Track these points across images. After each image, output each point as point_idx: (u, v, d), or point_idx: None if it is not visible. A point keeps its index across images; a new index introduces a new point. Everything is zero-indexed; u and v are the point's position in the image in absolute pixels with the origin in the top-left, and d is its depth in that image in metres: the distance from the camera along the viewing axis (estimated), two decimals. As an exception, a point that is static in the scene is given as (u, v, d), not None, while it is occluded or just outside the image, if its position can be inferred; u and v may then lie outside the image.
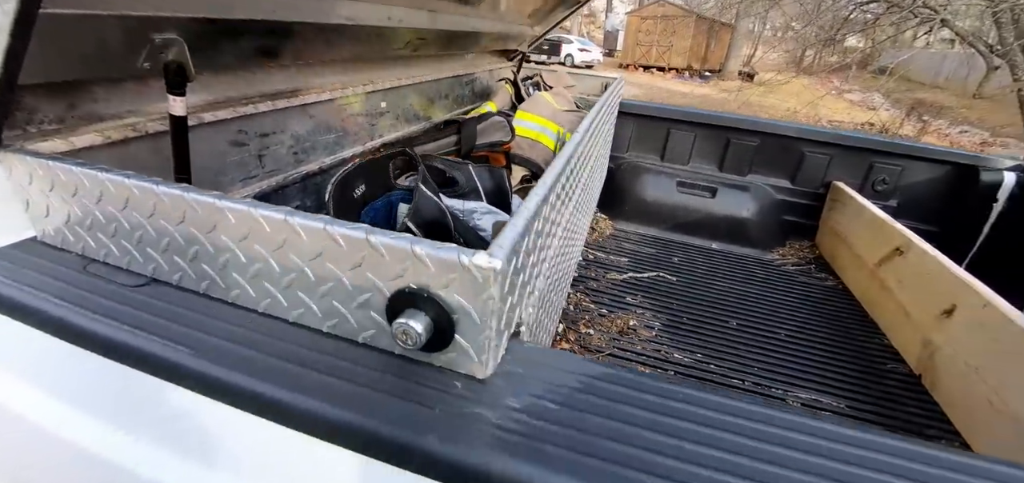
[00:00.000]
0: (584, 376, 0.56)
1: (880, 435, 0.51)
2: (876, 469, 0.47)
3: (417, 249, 0.48)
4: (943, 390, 1.68)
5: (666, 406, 0.53)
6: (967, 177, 2.49)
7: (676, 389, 0.55)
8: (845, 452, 0.49)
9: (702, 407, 0.53)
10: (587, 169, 1.49)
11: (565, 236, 1.29)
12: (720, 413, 0.52)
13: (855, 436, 0.50)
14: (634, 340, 1.82)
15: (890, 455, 0.48)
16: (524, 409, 0.50)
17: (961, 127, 12.77)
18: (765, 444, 0.49)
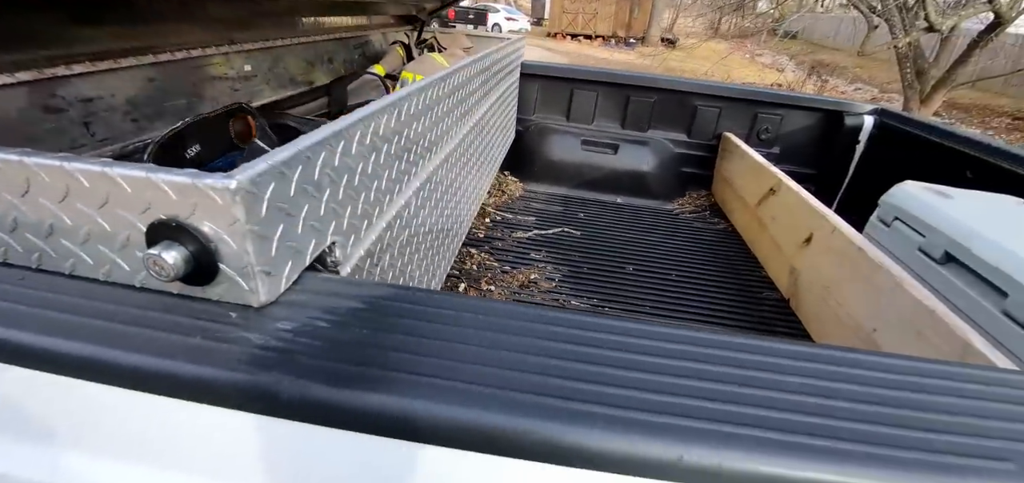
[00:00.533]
0: (381, 299, 0.58)
1: (691, 329, 0.56)
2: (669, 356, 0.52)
3: (154, 176, 0.46)
4: (805, 310, 1.88)
5: (457, 317, 0.55)
6: (835, 122, 2.75)
7: (481, 304, 0.58)
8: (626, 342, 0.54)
9: (490, 315, 0.56)
10: (465, 127, 1.49)
11: (441, 192, 1.30)
12: (511, 319, 0.56)
13: (638, 328, 0.55)
14: (533, 292, 1.88)
15: (688, 344, 0.54)
16: (294, 330, 0.51)
17: (855, 84, 14.08)
18: (547, 341, 0.52)
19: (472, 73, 1.40)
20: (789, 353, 0.56)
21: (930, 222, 1.45)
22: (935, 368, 0.57)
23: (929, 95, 7.90)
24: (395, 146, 0.88)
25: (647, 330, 0.57)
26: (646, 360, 0.52)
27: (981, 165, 2.07)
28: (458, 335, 0.52)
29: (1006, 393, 0.55)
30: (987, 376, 0.57)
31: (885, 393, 0.52)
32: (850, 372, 0.54)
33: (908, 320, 1.35)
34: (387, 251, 0.93)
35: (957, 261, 1.35)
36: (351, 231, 0.74)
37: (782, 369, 0.53)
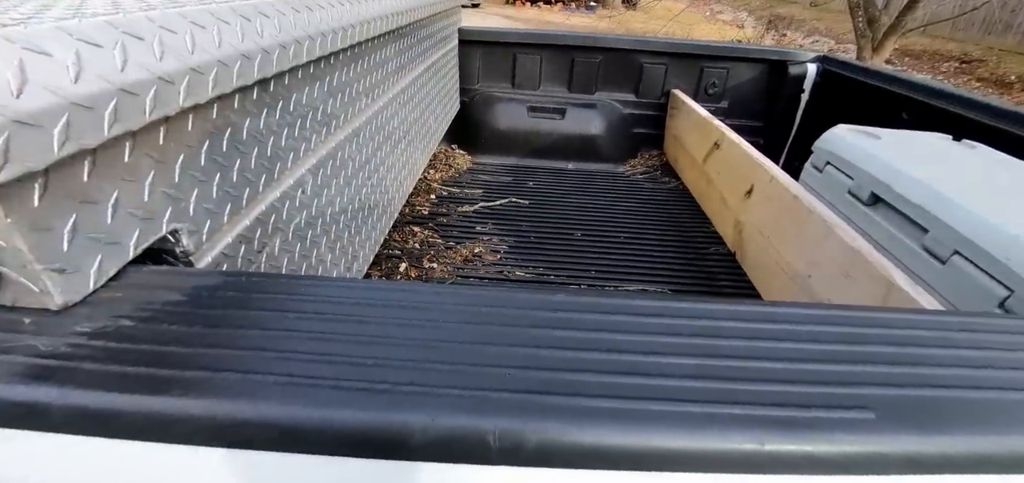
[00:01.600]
0: (234, 290, 0.51)
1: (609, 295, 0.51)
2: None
3: None
4: (749, 260, 1.89)
5: (334, 306, 0.49)
6: (780, 72, 2.74)
7: (371, 288, 0.52)
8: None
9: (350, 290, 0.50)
10: (381, 98, 1.40)
11: (352, 169, 1.22)
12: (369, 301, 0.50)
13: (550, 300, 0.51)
14: (478, 266, 1.83)
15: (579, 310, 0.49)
16: (93, 332, 0.44)
17: (813, 37, 14.26)
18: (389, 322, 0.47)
19: (380, 40, 1.30)
20: (678, 311, 0.53)
21: (858, 165, 1.46)
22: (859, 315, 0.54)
23: (881, 42, 8.06)
24: (268, 119, 0.80)
25: (568, 301, 0.53)
26: (556, 334, 0.47)
27: (916, 105, 2.10)
28: (325, 329, 0.46)
29: (915, 335, 0.53)
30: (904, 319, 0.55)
31: (778, 346, 0.49)
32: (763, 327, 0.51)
33: (838, 263, 1.36)
34: (274, 236, 0.85)
35: (883, 201, 1.36)
36: (205, 217, 0.66)
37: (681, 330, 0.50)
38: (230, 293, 0.50)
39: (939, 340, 0.51)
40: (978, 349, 0.50)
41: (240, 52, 0.65)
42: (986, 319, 0.59)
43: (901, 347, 0.51)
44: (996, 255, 1.01)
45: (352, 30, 1.01)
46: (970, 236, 1.08)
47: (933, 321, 0.56)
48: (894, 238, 1.30)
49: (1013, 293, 0.98)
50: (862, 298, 1.27)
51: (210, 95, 0.60)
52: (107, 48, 0.48)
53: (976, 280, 1.06)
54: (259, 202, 0.80)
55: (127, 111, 0.49)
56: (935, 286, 1.16)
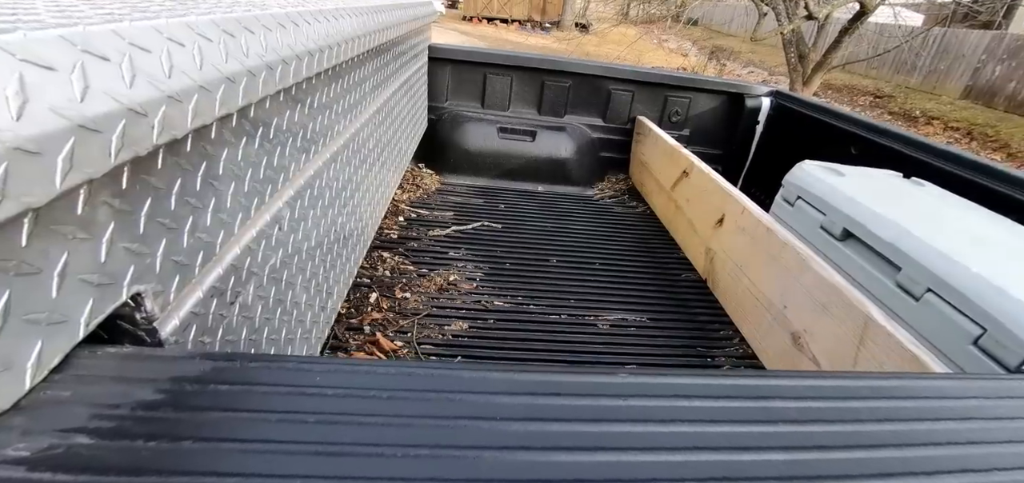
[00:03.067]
0: (196, 380, 0.40)
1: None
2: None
3: None
4: (721, 288, 1.93)
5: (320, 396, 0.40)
6: (738, 104, 2.87)
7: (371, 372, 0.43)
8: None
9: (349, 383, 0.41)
10: (360, 118, 1.30)
11: (330, 196, 1.10)
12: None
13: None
14: (454, 295, 1.74)
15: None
16: (35, 458, 0.32)
17: (749, 68, 15.35)
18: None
19: (361, 56, 1.21)
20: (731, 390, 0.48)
21: (829, 201, 1.51)
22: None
23: (809, 77, 8.77)
24: (247, 149, 0.69)
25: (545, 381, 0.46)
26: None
27: (863, 141, 2.25)
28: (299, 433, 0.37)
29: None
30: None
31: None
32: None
33: (814, 296, 1.39)
34: (248, 282, 0.74)
35: (855, 238, 1.41)
36: (173, 272, 0.55)
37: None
38: (220, 386, 0.39)
39: (952, 412, 0.50)
40: (995, 419, 0.49)
41: (224, 75, 0.55)
42: (996, 383, 0.59)
43: (918, 422, 0.49)
44: (969, 295, 1.07)
45: (341, 47, 0.91)
46: (943, 276, 1.13)
47: (944, 389, 0.55)
48: (867, 273, 1.35)
49: (986, 332, 1.03)
50: (838, 330, 1.31)
51: (189, 127, 0.49)
52: (62, 72, 0.37)
53: (950, 318, 1.10)
54: (234, 245, 0.69)
55: (87, 154, 0.38)
56: (910, 322, 1.20)
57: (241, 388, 0.40)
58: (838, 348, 1.32)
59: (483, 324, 1.62)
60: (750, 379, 0.53)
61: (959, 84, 11.74)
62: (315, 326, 1.06)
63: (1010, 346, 0.99)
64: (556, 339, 1.60)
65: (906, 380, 0.58)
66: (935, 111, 10.96)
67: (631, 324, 1.74)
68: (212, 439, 0.35)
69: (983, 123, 10.05)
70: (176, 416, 0.36)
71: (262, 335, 0.81)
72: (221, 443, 0.35)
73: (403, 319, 1.58)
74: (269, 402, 0.39)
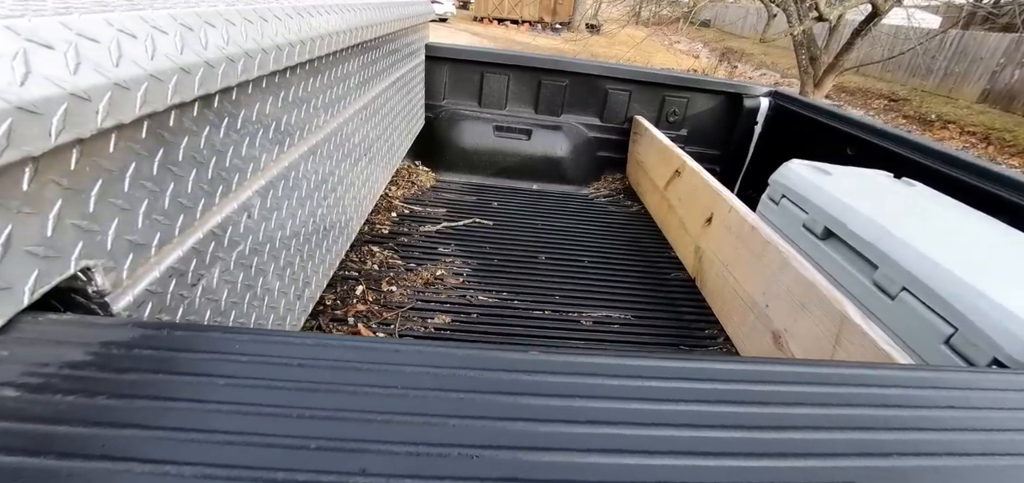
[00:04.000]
0: (123, 346, 0.43)
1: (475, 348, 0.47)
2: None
3: None
4: (708, 287, 1.93)
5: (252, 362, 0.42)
6: (736, 104, 2.86)
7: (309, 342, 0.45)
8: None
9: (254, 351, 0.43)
10: (343, 112, 1.33)
11: (308, 189, 1.13)
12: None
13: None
14: (439, 289, 1.76)
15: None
16: None
17: (761, 70, 15.18)
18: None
19: (342, 54, 1.24)
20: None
21: (812, 199, 1.51)
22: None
23: (821, 79, 8.66)
24: (210, 137, 0.72)
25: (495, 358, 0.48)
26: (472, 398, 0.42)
27: (859, 142, 2.23)
28: (261, 400, 0.39)
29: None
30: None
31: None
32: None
33: (794, 294, 1.39)
34: (213, 266, 0.77)
35: (835, 236, 1.41)
36: (127, 250, 0.58)
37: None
38: (145, 351, 0.42)
39: (918, 400, 0.51)
40: (959, 409, 0.50)
41: (178, 66, 0.58)
42: (962, 375, 0.60)
43: (883, 408, 0.50)
44: (942, 294, 1.06)
45: (311, 43, 0.94)
46: (918, 274, 1.13)
47: (909, 379, 0.56)
48: (846, 272, 1.35)
49: (957, 331, 1.03)
50: (816, 329, 1.31)
51: (137, 114, 0.52)
52: (3, 59, 0.40)
53: (923, 317, 1.10)
54: (196, 230, 0.72)
55: (26, 134, 0.41)
56: (885, 320, 1.20)
57: (166, 353, 0.42)
58: (816, 346, 1.32)
59: (466, 318, 1.64)
60: (734, 364, 0.55)
61: (976, 88, 11.50)
62: (290, 314, 1.09)
63: (980, 345, 0.99)
64: (537, 333, 1.61)
65: (870, 369, 0.58)
66: (951, 115, 10.75)
67: (615, 321, 1.75)
68: (127, 395, 0.38)
69: (1001, 128, 9.84)
70: (98, 375, 0.39)
71: (229, 318, 0.84)
72: (134, 399, 0.37)
73: (387, 311, 1.61)
74: (189, 365, 0.41)
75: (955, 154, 1.86)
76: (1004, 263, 1.14)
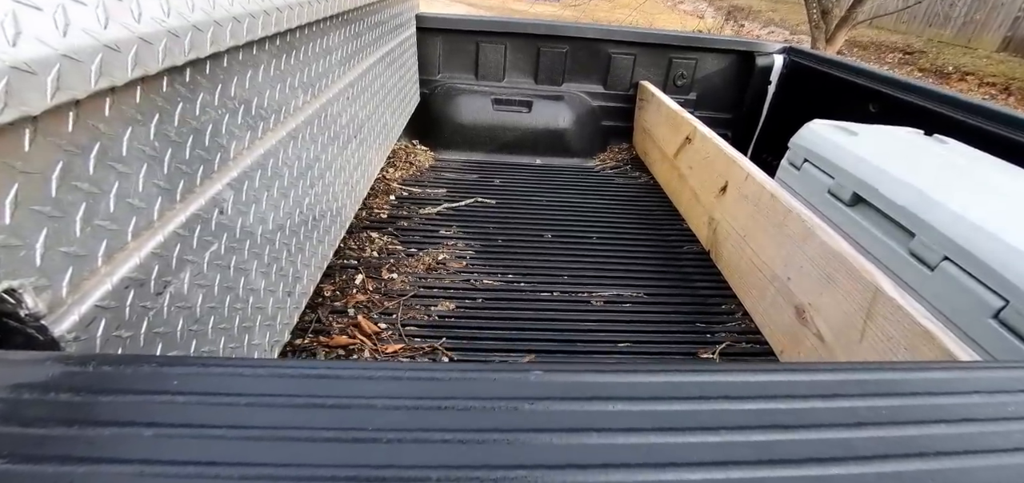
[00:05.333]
0: (15, 390, 0.35)
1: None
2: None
3: None
4: (724, 260, 1.83)
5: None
6: (747, 63, 2.70)
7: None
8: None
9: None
10: (326, 93, 1.23)
11: (291, 177, 1.05)
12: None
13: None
14: (442, 275, 1.68)
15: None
16: None
17: (769, 28, 14.66)
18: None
19: (321, 26, 1.13)
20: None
21: (838, 163, 1.40)
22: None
23: (833, 34, 8.31)
24: (161, 127, 0.63)
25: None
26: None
27: (883, 98, 2.09)
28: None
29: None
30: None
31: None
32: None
33: (819, 266, 1.29)
34: (181, 270, 0.69)
35: (865, 202, 1.30)
36: (64, 264, 0.50)
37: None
38: (61, 395, 0.34)
39: (981, 412, 0.42)
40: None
41: (102, 42, 0.48)
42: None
43: (935, 426, 0.41)
44: (990, 263, 0.96)
45: (278, 14, 0.84)
46: (961, 242, 1.03)
47: (973, 381, 0.47)
48: (878, 241, 1.24)
49: (1009, 304, 0.93)
50: (844, 303, 1.21)
51: (49, 103, 0.43)
52: None
53: (969, 289, 1.00)
54: (155, 232, 0.64)
55: None
56: (924, 294, 1.10)
57: (85, 397, 0.35)
58: (844, 322, 1.23)
59: (471, 303, 1.56)
60: (762, 374, 0.45)
61: (997, 36, 11.02)
62: (281, 312, 1.02)
63: (1034, 318, 0.89)
64: (546, 318, 1.54)
65: (926, 372, 0.49)
66: (970, 66, 10.33)
67: (626, 300, 1.66)
68: (30, 459, 0.30)
69: (1022, 77, 9.44)
70: (17, 426, 0.31)
71: (207, 325, 0.77)
72: (40, 464, 0.30)
73: (388, 301, 1.54)
74: (111, 412, 0.34)
75: (991, 106, 1.72)
76: (1058, 225, 1.04)
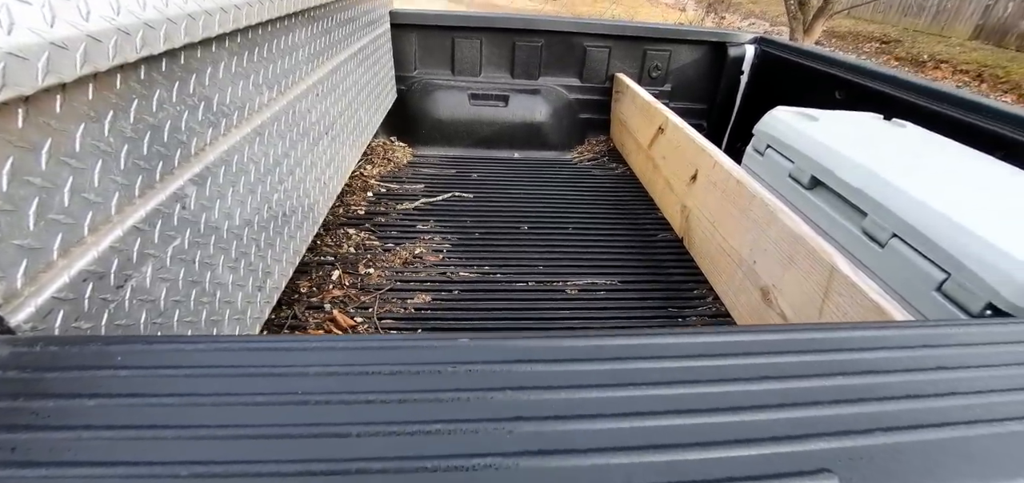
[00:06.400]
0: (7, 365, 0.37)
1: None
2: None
3: None
4: (696, 247, 1.87)
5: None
6: (720, 54, 2.75)
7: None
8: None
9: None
10: (292, 91, 1.24)
11: (258, 173, 1.06)
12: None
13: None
14: (418, 268, 1.70)
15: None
16: None
17: (749, 19, 14.83)
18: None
19: (285, 23, 1.14)
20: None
21: (797, 148, 1.44)
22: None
23: (811, 24, 8.44)
24: (116, 124, 0.64)
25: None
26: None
27: (849, 85, 2.15)
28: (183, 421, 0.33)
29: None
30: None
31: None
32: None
33: (781, 248, 1.34)
34: (143, 264, 0.70)
35: (823, 185, 1.35)
36: (18, 256, 0.51)
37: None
38: (9, 372, 0.36)
39: (910, 362, 0.45)
40: (952, 369, 0.45)
41: (48, 41, 0.50)
42: (956, 329, 0.54)
43: (876, 375, 0.45)
44: (933, 238, 1.01)
45: (236, 12, 0.85)
46: (908, 219, 1.07)
47: (900, 338, 0.51)
48: (835, 222, 1.29)
49: (950, 276, 0.98)
50: (805, 283, 1.26)
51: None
52: None
53: (914, 263, 1.05)
54: (114, 227, 0.65)
55: None
56: (875, 270, 1.15)
57: (30, 374, 0.36)
58: (805, 301, 1.27)
59: (447, 295, 1.59)
60: (708, 336, 0.49)
61: (969, 24, 11.29)
62: (251, 306, 1.03)
63: (974, 290, 0.94)
64: (521, 307, 1.57)
65: (865, 330, 0.53)
66: (944, 54, 10.57)
67: (601, 288, 1.70)
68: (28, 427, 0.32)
69: (994, 64, 9.68)
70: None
71: (172, 318, 0.78)
72: (47, 433, 0.32)
73: (365, 295, 1.55)
74: (58, 386, 0.35)
75: (948, 91, 1.78)
76: (999, 203, 1.09)
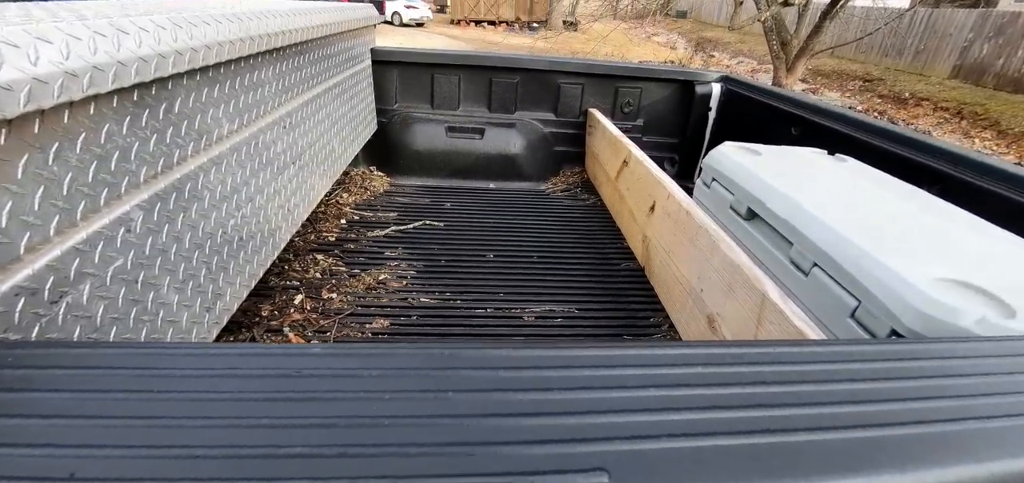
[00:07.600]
0: None
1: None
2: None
3: None
4: (655, 275, 1.93)
5: None
6: (689, 92, 2.88)
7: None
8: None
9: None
10: (259, 121, 1.31)
11: (213, 199, 1.12)
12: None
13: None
14: (380, 294, 1.75)
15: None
16: None
17: (738, 58, 15.31)
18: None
19: (248, 62, 1.22)
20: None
21: (737, 181, 1.52)
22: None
23: (793, 63, 8.75)
24: (62, 155, 0.71)
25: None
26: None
27: (802, 122, 2.25)
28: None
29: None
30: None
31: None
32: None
33: (723, 277, 1.40)
34: (81, 283, 0.75)
35: (758, 216, 1.42)
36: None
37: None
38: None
39: (812, 375, 0.51)
40: (842, 382, 0.51)
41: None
42: (849, 347, 0.61)
43: (781, 385, 0.50)
44: (846, 267, 1.07)
45: (192, 54, 0.93)
46: (826, 249, 1.14)
47: (803, 355, 0.57)
48: (768, 252, 1.36)
49: (860, 304, 1.04)
50: (742, 310, 1.31)
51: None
52: None
53: (831, 291, 1.11)
54: (52, 246, 0.71)
55: None
56: (802, 298, 1.21)
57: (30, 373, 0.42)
58: (742, 328, 1.33)
59: (405, 321, 1.63)
60: (624, 350, 0.56)
61: (947, 64, 11.68)
62: (197, 326, 1.08)
63: (880, 316, 1.00)
64: (476, 333, 1.61)
65: (773, 347, 0.60)
66: (924, 92, 10.90)
67: (558, 315, 1.75)
68: None
69: (972, 102, 9.99)
70: None
71: (109, 334, 0.83)
72: None
73: (325, 319, 1.60)
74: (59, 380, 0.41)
75: (889, 128, 1.88)
76: (911, 234, 1.16)
